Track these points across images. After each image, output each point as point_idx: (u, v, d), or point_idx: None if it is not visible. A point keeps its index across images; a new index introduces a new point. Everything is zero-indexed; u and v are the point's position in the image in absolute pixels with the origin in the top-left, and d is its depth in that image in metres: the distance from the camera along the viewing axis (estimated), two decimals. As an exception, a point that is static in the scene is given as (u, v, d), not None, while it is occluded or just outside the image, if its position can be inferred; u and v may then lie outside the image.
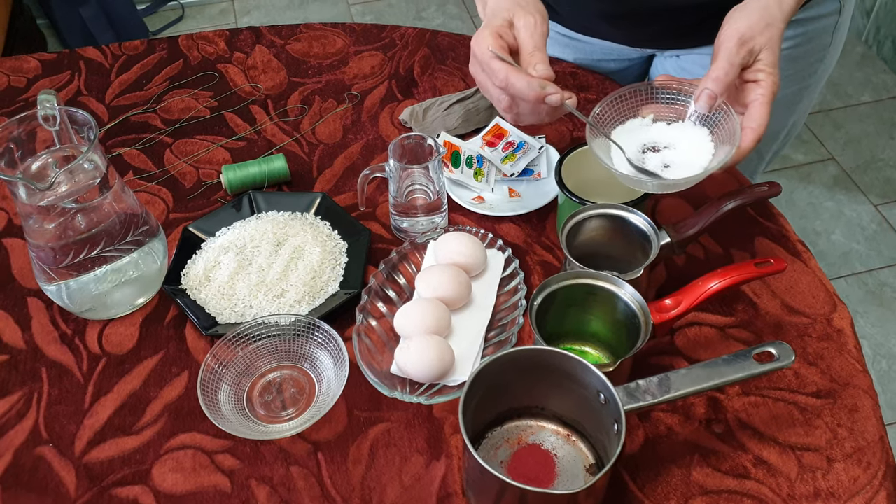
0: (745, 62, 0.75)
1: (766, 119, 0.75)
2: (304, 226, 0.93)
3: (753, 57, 0.76)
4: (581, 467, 0.73)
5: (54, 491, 0.75)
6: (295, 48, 1.22)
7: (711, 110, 0.77)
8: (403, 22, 2.73)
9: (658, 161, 0.80)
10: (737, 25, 0.76)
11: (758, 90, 0.76)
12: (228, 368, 0.80)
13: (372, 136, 1.07)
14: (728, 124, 0.76)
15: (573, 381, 0.70)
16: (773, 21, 0.76)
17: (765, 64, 0.76)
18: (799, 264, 0.89)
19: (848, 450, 0.75)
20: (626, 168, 0.79)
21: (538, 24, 0.79)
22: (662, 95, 0.81)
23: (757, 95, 0.76)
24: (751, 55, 0.75)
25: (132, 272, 0.86)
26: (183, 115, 1.11)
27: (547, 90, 0.76)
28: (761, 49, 0.75)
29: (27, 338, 0.86)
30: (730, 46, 0.75)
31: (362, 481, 0.74)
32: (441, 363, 0.78)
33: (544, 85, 0.76)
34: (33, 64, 1.21)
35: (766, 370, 0.69)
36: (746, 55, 0.75)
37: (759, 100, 0.76)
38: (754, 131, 0.75)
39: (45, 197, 0.77)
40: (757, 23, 0.76)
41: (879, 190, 2.13)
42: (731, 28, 0.76)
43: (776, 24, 0.76)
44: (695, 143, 0.79)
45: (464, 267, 0.86)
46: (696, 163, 0.78)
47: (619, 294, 0.76)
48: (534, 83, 0.76)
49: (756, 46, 0.75)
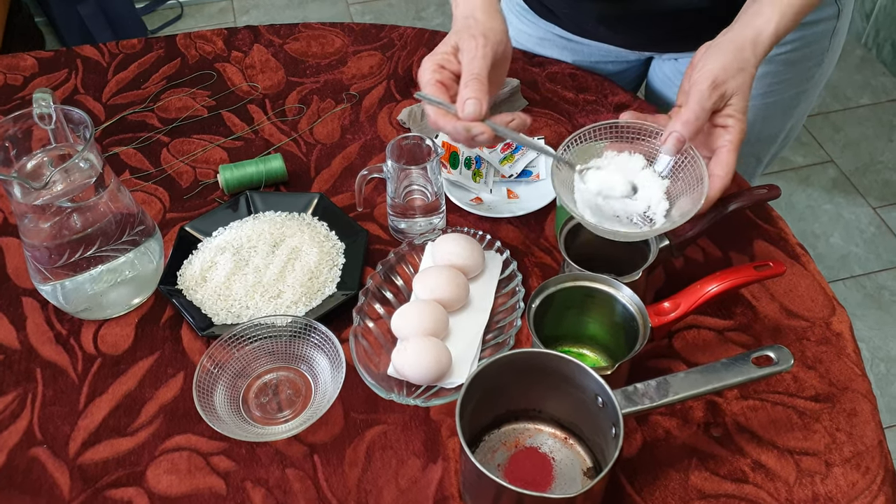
0: (716, 106, 0.73)
1: (733, 167, 0.73)
2: (302, 226, 0.92)
3: (725, 101, 0.73)
4: (578, 471, 0.73)
5: (48, 492, 0.74)
6: (293, 47, 1.21)
7: (677, 153, 0.74)
8: (403, 22, 2.73)
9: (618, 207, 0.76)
10: (711, 66, 0.73)
11: (726, 136, 0.74)
12: (224, 370, 0.79)
13: (370, 137, 1.07)
14: (694, 170, 0.74)
15: (571, 385, 0.70)
16: (746, 65, 0.74)
17: (735, 109, 0.73)
18: (798, 267, 0.89)
19: (847, 454, 0.74)
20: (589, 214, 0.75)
21: (479, 46, 0.74)
22: (627, 134, 0.77)
23: (725, 142, 0.73)
24: (722, 99, 0.73)
25: (128, 272, 0.86)
26: (180, 114, 1.11)
27: (472, 132, 0.73)
28: (733, 94, 0.73)
29: (22, 338, 0.86)
30: (702, 89, 0.72)
31: (358, 484, 0.74)
32: (438, 365, 0.77)
33: (469, 128, 0.73)
34: (30, 62, 1.20)
35: (765, 374, 0.68)
36: (718, 99, 0.73)
37: (727, 147, 0.73)
38: (721, 179, 0.73)
39: (40, 196, 0.77)
40: (731, 64, 0.73)
41: (878, 193, 2.13)
42: (706, 69, 0.73)
43: (748, 68, 0.74)
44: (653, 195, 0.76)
45: (462, 269, 0.85)
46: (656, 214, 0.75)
47: (618, 297, 0.75)
48: (459, 127, 0.73)
49: (728, 91, 0.73)
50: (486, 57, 0.74)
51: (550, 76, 1.13)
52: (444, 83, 0.75)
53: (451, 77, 0.75)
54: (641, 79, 1.22)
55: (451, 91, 0.75)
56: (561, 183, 0.76)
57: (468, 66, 0.74)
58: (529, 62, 1.16)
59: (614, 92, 1.11)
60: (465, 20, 0.77)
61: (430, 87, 0.75)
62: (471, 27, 0.76)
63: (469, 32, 0.75)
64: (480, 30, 0.75)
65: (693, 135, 0.73)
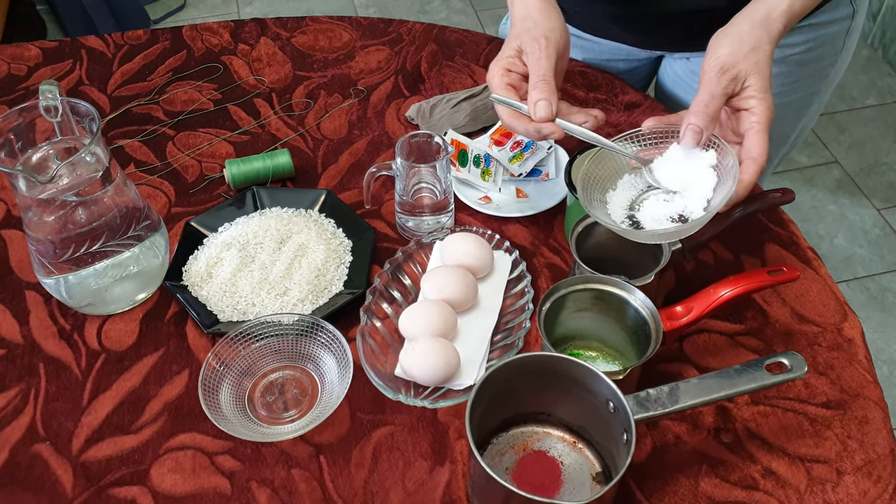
0: (729, 91, 0.71)
1: (765, 148, 0.71)
2: (309, 223, 0.91)
3: (740, 84, 0.72)
4: (587, 475, 0.72)
5: (51, 490, 0.73)
6: (300, 41, 1.20)
7: (699, 146, 0.72)
8: (408, 15, 2.71)
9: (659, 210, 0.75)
10: (717, 53, 0.72)
11: (751, 118, 0.72)
12: (230, 368, 0.78)
13: (378, 133, 1.06)
14: (724, 160, 0.72)
15: (582, 389, 0.69)
16: (759, 44, 0.72)
17: (755, 90, 0.71)
18: (810, 272, 0.88)
19: (858, 462, 0.74)
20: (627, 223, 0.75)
21: (542, 48, 0.77)
22: (650, 140, 0.76)
23: (751, 124, 0.71)
24: (736, 82, 0.71)
25: (133, 267, 0.85)
26: (186, 107, 1.10)
27: (543, 132, 0.76)
28: (748, 75, 0.71)
29: (25, 332, 0.85)
30: (710, 77, 0.71)
31: (365, 486, 0.73)
32: (446, 366, 0.77)
33: (540, 129, 0.76)
34: (34, 52, 1.19)
35: (779, 381, 0.67)
36: (730, 83, 0.71)
37: (755, 128, 0.71)
38: (755, 162, 0.71)
39: (45, 190, 0.76)
40: (739, 48, 0.72)
41: (883, 194, 2.12)
42: (712, 56, 0.72)
43: (762, 46, 0.72)
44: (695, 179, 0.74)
45: (470, 268, 0.84)
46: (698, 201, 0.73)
47: (630, 300, 0.74)
48: (531, 128, 0.76)
49: (741, 73, 0.71)
50: (551, 57, 0.77)
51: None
52: (514, 85, 0.78)
53: (518, 79, 0.78)
54: (652, 77, 1.21)
55: (519, 91, 0.78)
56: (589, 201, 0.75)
57: (534, 68, 0.76)
58: (539, 59, 1.14)
59: (625, 90, 1.10)
60: (523, 21, 0.79)
61: (500, 90, 0.78)
62: (531, 29, 0.78)
63: (530, 34, 0.78)
64: (541, 31, 0.78)
65: (707, 122, 0.71)
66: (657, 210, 0.75)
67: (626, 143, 0.77)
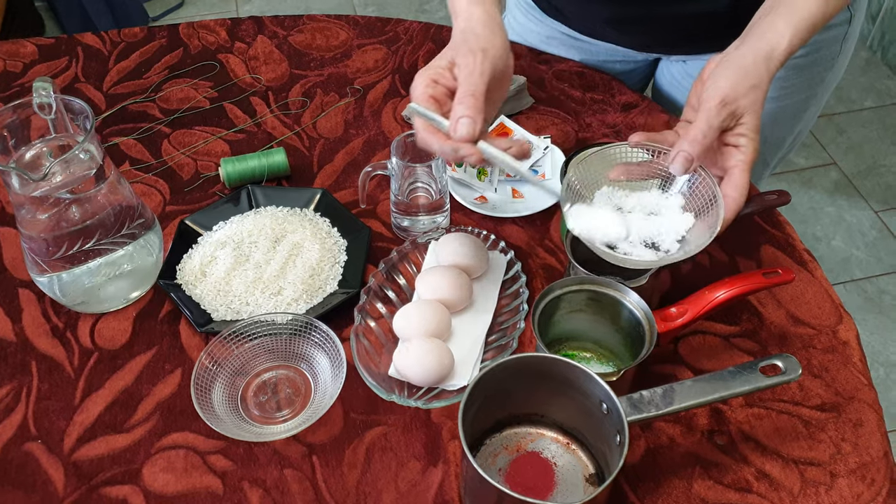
0: (725, 125, 0.70)
1: (746, 187, 0.70)
2: (304, 222, 0.91)
3: (736, 120, 0.71)
4: (580, 477, 0.72)
5: (42, 489, 0.73)
6: (297, 40, 1.20)
7: (687, 173, 0.71)
8: (407, 14, 2.71)
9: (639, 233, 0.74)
10: (720, 84, 0.70)
11: (739, 156, 0.70)
12: (223, 367, 0.78)
13: (374, 132, 1.05)
14: (705, 190, 0.71)
15: (575, 390, 0.69)
16: (760, 82, 0.71)
17: (748, 129, 0.70)
18: (805, 274, 0.88)
19: (852, 465, 0.73)
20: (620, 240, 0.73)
21: (478, 62, 0.70)
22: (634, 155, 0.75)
23: (738, 161, 0.70)
24: (733, 118, 0.70)
25: (126, 265, 0.84)
26: (182, 105, 1.09)
27: (460, 153, 0.69)
28: (744, 112, 0.70)
29: (17, 329, 0.85)
30: (711, 107, 0.69)
31: (357, 486, 0.73)
32: (440, 367, 0.76)
33: (457, 149, 0.69)
34: (30, 49, 1.19)
35: (773, 383, 0.67)
36: (728, 118, 0.70)
37: (740, 166, 0.70)
38: (735, 201, 0.70)
39: (38, 187, 0.76)
40: (741, 82, 0.70)
41: (880, 196, 2.12)
42: (715, 87, 0.70)
43: (762, 85, 0.71)
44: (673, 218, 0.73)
45: (465, 269, 0.84)
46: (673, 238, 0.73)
47: (624, 301, 0.74)
48: (447, 147, 0.69)
49: (739, 109, 0.70)
50: (485, 73, 0.70)
51: (557, 74, 1.12)
52: (438, 98, 0.71)
53: (444, 93, 0.72)
54: (649, 79, 1.21)
55: (443, 108, 0.71)
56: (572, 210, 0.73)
57: (465, 82, 0.70)
58: (536, 59, 1.14)
59: (622, 91, 1.09)
60: (463, 34, 0.73)
61: (421, 100, 0.71)
62: (469, 41, 0.71)
63: (468, 46, 0.71)
64: (480, 44, 0.71)
65: (701, 153, 0.70)
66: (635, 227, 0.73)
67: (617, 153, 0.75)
